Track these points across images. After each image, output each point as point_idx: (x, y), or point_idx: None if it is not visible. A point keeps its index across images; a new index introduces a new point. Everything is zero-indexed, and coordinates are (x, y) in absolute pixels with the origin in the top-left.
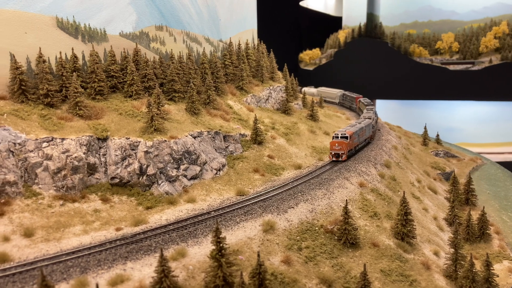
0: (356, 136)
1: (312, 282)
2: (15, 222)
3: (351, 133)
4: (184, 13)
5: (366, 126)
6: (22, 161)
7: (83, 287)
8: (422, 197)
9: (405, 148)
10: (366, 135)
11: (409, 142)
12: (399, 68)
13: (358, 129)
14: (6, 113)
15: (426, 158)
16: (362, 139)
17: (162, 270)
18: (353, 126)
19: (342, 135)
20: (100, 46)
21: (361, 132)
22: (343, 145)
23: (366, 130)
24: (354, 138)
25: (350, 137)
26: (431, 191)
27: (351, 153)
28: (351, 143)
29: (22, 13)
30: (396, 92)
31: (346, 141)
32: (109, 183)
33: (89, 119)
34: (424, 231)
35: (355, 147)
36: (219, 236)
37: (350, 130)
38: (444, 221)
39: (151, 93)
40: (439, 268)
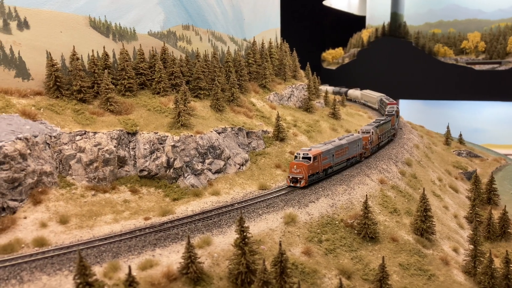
0: (329, 157)
1: (331, 273)
2: (51, 209)
3: (316, 153)
4: (210, 12)
5: (351, 142)
6: (57, 153)
7: (115, 270)
8: (443, 195)
9: (427, 147)
10: (349, 153)
11: (431, 141)
12: (423, 68)
13: (332, 148)
14: (43, 107)
15: (448, 158)
16: (341, 159)
17: (189, 256)
18: (328, 143)
19: (303, 156)
20: (129, 45)
21: (339, 151)
22: (302, 168)
23: (350, 147)
24: (323, 159)
25: (315, 159)
26: (452, 190)
27: (316, 177)
28: (316, 166)
29: (58, 13)
30: (420, 92)
31: (308, 163)
32: (138, 175)
33: (119, 114)
34: (444, 228)
35: (325, 170)
36: (242, 225)
37: (317, 149)
38: (464, 220)
39: (178, 90)
40: (458, 264)
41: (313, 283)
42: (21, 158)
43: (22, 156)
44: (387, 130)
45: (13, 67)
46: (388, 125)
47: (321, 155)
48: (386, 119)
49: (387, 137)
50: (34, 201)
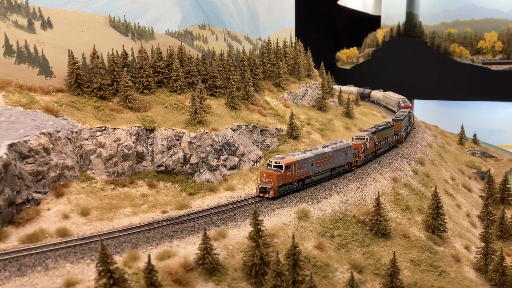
0: (307, 166)
1: (343, 267)
2: (73, 202)
3: (289, 162)
4: (226, 12)
5: (337, 150)
6: (78, 148)
7: (134, 259)
8: (455, 194)
9: (441, 146)
10: (334, 162)
11: (445, 141)
12: (438, 68)
13: (311, 156)
14: (65, 104)
15: (462, 157)
16: (323, 168)
17: (205, 248)
18: (308, 151)
19: (275, 164)
20: (148, 44)
21: (320, 160)
22: (272, 178)
23: (336, 156)
24: (298, 169)
25: (288, 168)
26: (465, 189)
27: (290, 187)
28: (289, 176)
29: (80, 13)
30: (435, 92)
31: (278, 172)
32: (155, 170)
33: (137, 111)
34: (456, 226)
35: (301, 180)
36: (257, 218)
37: (291, 158)
38: (477, 218)
39: (194, 88)
40: (470, 261)
41: (325, 276)
42: (44, 152)
43: (46, 150)
44: (388, 136)
45: (37, 65)
46: (390, 131)
47: (296, 164)
48: (388, 124)
49: (387, 144)
50: (56, 194)
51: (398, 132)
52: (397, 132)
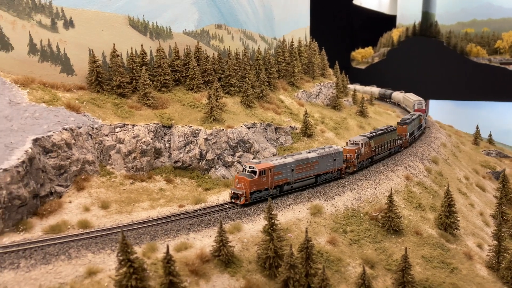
0: (285, 171)
1: (355, 262)
2: (93, 195)
3: (264, 168)
4: (242, 12)
5: (324, 156)
6: (98, 144)
7: (153, 250)
8: (469, 193)
9: (455, 146)
10: (319, 168)
11: (459, 140)
12: (454, 68)
13: (291, 162)
14: (85, 101)
15: (476, 157)
16: (306, 175)
17: (221, 240)
18: (289, 156)
19: (249, 169)
20: (165, 43)
21: (302, 166)
22: (244, 184)
23: (322, 162)
24: (275, 174)
25: (262, 173)
26: (479, 189)
27: (265, 194)
28: (264, 182)
29: (100, 13)
30: (451, 92)
31: (251, 178)
32: (173, 166)
33: (155, 108)
34: (469, 225)
35: (279, 186)
36: (271, 212)
37: (267, 163)
38: (491, 218)
39: (210, 86)
40: (482, 259)
41: (337, 271)
42: (66, 147)
43: (68, 145)
44: (388, 141)
45: (59, 63)
46: (392, 135)
47: (272, 170)
48: (389, 128)
49: (387, 149)
50: (78, 187)
51: (402, 136)
52: (400, 137)
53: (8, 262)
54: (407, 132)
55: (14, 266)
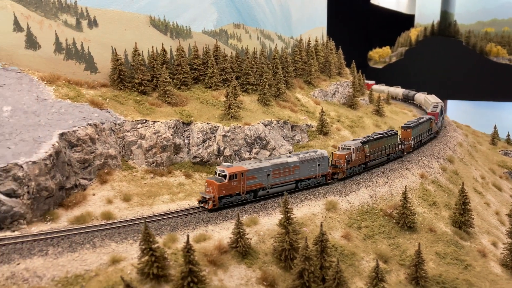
0: (260, 176)
1: (369, 257)
2: (116, 189)
3: (236, 172)
4: (259, 12)
5: (306, 161)
6: (120, 139)
7: (173, 241)
8: (484, 193)
9: (471, 145)
10: (300, 173)
11: (476, 140)
12: (473, 68)
13: (267, 166)
14: (108, 98)
15: (493, 157)
16: (284, 180)
17: (238, 232)
18: (267, 160)
19: (220, 173)
20: (185, 42)
21: (280, 170)
22: (213, 187)
23: (303, 167)
24: (248, 179)
25: (233, 177)
26: (495, 188)
27: (237, 199)
28: (235, 186)
29: (123, 13)
30: (469, 92)
31: (221, 182)
32: (191, 161)
33: (175, 105)
34: (484, 223)
35: (253, 191)
36: (287, 206)
37: (239, 167)
38: (506, 217)
39: (228, 84)
40: (496, 257)
41: (351, 264)
42: (91, 142)
43: (92, 140)
44: (388, 146)
45: (83, 61)
46: (392, 140)
47: (245, 174)
48: (389, 132)
49: (385, 155)
50: (101, 181)
51: (404, 141)
52: (402, 141)
53: (37, 249)
54: (410, 137)
55: (43, 253)
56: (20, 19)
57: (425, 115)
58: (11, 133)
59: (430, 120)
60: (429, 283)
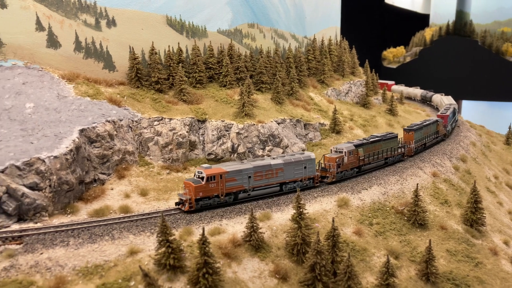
0: (241, 178)
1: (380, 253)
2: (133, 183)
3: (214, 173)
4: (273, 11)
5: (291, 163)
6: (138, 136)
7: (189, 234)
8: (497, 192)
9: (485, 145)
10: (285, 176)
11: (490, 140)
12: (489, 68)
13: (249, 168)
14: (126, 96)
15: (507, 157)
16: (267, 182)
17: (252, 226)
18: (248, 162)
19: (197, 174)
20: (200, 41)
21: (263, 172)
22: (190, 189)
23: (287, 169)
24: (228, 181)
25: (210, 179)
26: (509, 188)
27: (215, 201)
28: (213, 188)
29: (140, 13)
30: (485, 92)
31: (198, 184)
32: (206, 158)
33: (190, 103)
34: (496, 222)
35: (234, 193)
36: (299, 202)
37: (218, 169)
38: None
39: (242, 83)
40: (508, 255)
41: (362, 260)
42: (109, 138)
43: (110, 136)
44: (385, 150)
45: (102, 60)
46: (391, 143)
47: (224, 176)
48: (387, 135)
49: (382, 159)
50: (119, 176)
51: (406, 144)
52: (403, 144)
53: (59, 240)
54: (412, 140)
55: (64, 244)
56: (42, 19)
57: (431, 117)
58: (34, 129)
59: (436, 122)
60: (440, 279)
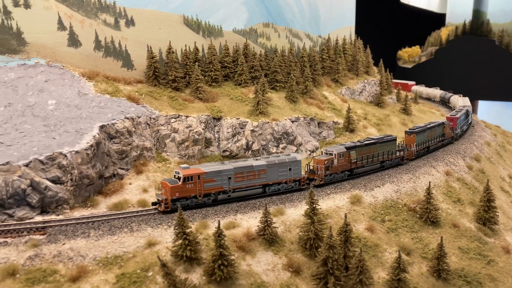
0: (220, 179)
1: (392, 249)
2: (151, 179)
3: (191, 174)
4: (289, 11)
5: (275, 164)
6: (155, 132)
7: (204, 227)
8: None
9: (500, 145)
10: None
11: (505, 140)
12: (506, 68)
13: (229, 169)
14: (144, 93)
15: None
16: (249, 184)
17: (266, 221)
18: (230, 163)
19: (175, 174)
20: (216, 41)
21: (244, 174)
22: (166, 189)
23: (270, 171)
24: (206, 181)
25: (187, 180)
26: None
27: (193, 202)
28: (191, 189)
29: (158, 13)
30: (502, 93)
31: (174, 184)
32: (221, 155)
33: (206, 101)
34: (509, 221)
35: (213, 194)
36: (312, 197)
37: (196, 169)
38: None
39: (257, 82)
40: None
41: (374, 255)
42: (128, 134)
43: (129, 133)
44: (380, 153)
45: (120, 59)
46: (388, 146)
47: (202, 176)
48: (384, 138)
49: (378, 162)
50: (137, 171)
51: (407, 147)
52: (403, 147)
53: (80, 232)
54: (414, 143)
55: (85, 235)
56: (64, 18)
57: (436, 120)
58: (56, 125)
59: (442, 125)
60: (451, 276)
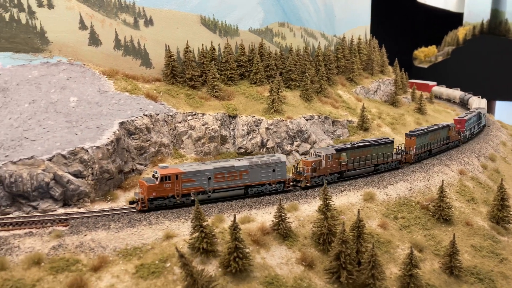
0: (200, 179)
1: (404, 245)
2: None
3: (168, 174)
4: (304, 11)
5: (258, 165)
6: (172, 129)
7: (220, 221)
8: None
9: None
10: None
11: None
12: None
13: (209, 169)
14: (162, 91)
15: None
16: (230, 184)
17: (280, 216)
18: (212, 163)
19: (154, 174)
20: (232, 40)
21: (224, 174)
22: (143, 189)
23: (252, 172)
24: (185, 181)
25: (165, 179)
26: None
27: (171, 202)
28: (168, 189)
29: (176, 12)
30: None
31: (151, 183)
32: (236, 152)
33: (222, 100)
34: None
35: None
36: (326, 194)
37: (175, 169)
38: None
39: (272, 80)
40: None
41: (386, 251)
42: (146, 130)
43: (148, 129)
44: (374, 156)
45: (139, 57)
46: (384, 149)
47: (180, 176)
48: (380, 141)
49: (372, 165)
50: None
51: (406, 150)
52: (401, 151)
53: (101, 224)
54: (414, 146)
55: (106, 227)
56: (85, 18)
57: (441, 123)
58: (77, 121)
59: (447, 127)
60: (463, 273)
